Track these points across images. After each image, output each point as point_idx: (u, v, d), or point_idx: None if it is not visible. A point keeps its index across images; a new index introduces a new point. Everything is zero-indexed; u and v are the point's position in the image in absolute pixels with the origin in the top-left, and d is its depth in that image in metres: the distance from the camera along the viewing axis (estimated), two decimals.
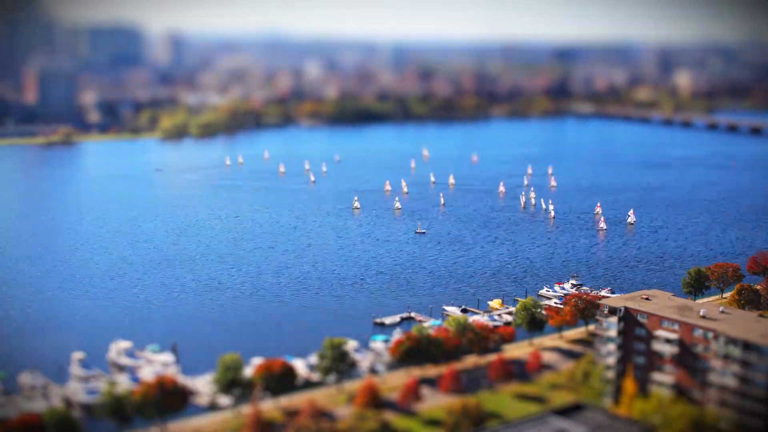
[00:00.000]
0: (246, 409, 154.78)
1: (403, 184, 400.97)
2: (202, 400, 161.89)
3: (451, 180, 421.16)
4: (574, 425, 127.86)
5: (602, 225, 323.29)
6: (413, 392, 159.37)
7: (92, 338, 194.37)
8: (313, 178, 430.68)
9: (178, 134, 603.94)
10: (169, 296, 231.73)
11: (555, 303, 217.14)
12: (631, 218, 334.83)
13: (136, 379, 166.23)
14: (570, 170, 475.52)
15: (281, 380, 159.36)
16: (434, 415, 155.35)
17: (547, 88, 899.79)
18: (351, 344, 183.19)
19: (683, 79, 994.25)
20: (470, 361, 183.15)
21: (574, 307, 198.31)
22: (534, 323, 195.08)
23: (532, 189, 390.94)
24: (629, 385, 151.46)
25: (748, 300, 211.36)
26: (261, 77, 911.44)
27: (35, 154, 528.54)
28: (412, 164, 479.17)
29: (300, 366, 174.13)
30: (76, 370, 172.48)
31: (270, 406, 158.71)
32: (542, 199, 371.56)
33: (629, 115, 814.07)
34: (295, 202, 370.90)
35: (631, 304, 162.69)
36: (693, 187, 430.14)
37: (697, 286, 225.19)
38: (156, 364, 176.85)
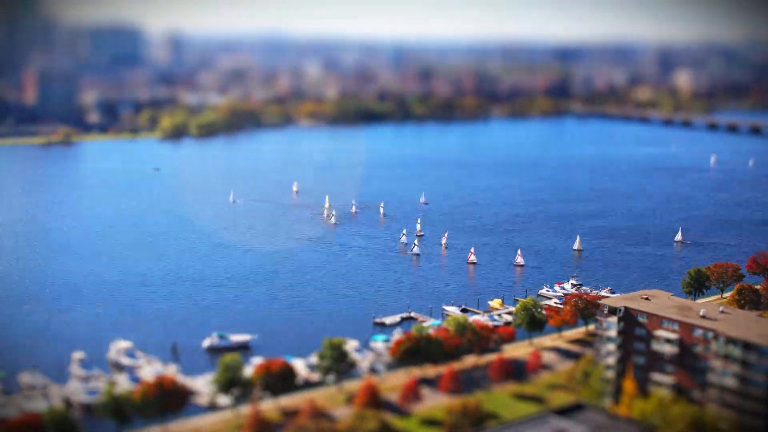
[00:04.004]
0: (246, 409, 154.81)
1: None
2: (202, 400, 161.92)
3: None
4: (574, 425, 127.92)
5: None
6: (413, 392, 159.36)
7: (92, 338, 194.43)
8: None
9: (178, 134, 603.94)
10: (169, 296, 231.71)
11: (555, 303, 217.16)
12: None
13: (136, 379, 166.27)
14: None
15: (281, 380, 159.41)
16: (434, 416, 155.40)
17: (547, 88, 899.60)
18: (351, 344, 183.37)
19: (683, 79, 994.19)
20: (470, 361, 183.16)
21: (574, 307, 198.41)
22: (534, 323, 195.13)
23: None
24: (629, 385, 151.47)
25: (748, 300, 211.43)
26: (261, 77, 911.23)
27: (35, 154, 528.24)
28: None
29: (300, 366, 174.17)
30: (76, 370, 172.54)
31: (270, 406, 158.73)
32: None
33: (629, 115, 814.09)
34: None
35: (631, 304, 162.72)
36: (689, 186, 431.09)
37: (697, 286, 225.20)
38: (156, 364, 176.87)
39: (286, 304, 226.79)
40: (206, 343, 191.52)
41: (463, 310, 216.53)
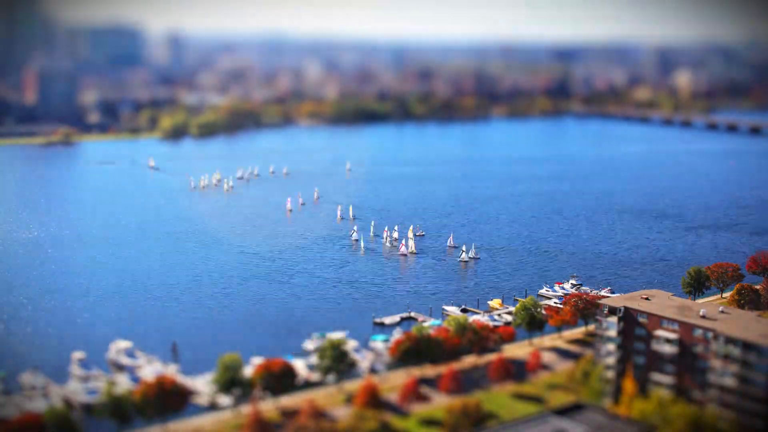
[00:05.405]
0: (246, 409, 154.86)
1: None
2: (202, 400, 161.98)
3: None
4: (573, 425, 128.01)
5: None
6: (413, 392, 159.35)
7: (92, 338, 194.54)
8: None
9: (178, 134, 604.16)
10: (169, 296, 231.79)
11: (555, 303, 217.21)
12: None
13: (136, 379, 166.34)
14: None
15: (281, 380, 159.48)
16: (434, 416, 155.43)
17: (547, 88, 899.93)
18: (351, 344, 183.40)
19: (683, 79, 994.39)
20: (470, 361, 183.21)
21: (573, 307, 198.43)
22: (534, 323, 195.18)
23: None
24: (629, 385, 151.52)
25: (748, 300, 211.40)
26: (261, 77, 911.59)
27: (35, 154, 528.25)
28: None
29: (300, 366, 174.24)
30: (76, 370, 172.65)
31: (270, 406, 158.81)
32: None
33: (629, 115, 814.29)
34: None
35: (631, 304, 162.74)
36: (689, 187, 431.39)
37: (697, 286, 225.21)
38: (156, 364, 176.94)
39: (285, 303, 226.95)
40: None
41: (463, 310, 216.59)
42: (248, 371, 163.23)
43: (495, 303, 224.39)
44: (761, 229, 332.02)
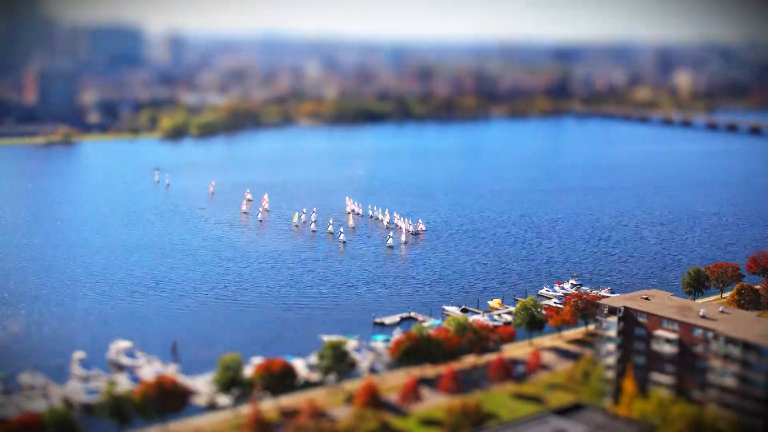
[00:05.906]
0: (246, 409, 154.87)
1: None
2: (202, 400, 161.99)
3: None
4: (573, 425, 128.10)
5: None
6: (413, 392, 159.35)
7: (92, 338, 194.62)
8: None
9: (178, 134, 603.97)
10: (169, 296, 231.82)
11: (555, 303, 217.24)
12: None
13: (136, 379, 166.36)
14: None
15: (281, 380, 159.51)
16: (434, 416, 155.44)
17: (547, 88, 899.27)
18: (351, 344, 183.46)
19: (683, 79, 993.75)
20: (470, 361, 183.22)
21: (573, 307, 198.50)
22: (534, 323, 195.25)
23: None
24: (629, 385, 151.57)
25: (748, 300, 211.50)
26: (261, 77, 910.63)
27: (35, 154, 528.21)
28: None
29: (300, 366, 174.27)
30: (76, 370, 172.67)
31: (270, 406, 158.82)
32: None
33: (629, 115, 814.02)
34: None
35: (630, 304, 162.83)
36: (690, 186, 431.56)
37: (697, 286, 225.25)
38: (156, 364, 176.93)
39: (286, 303, 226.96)
40: None
41: (463, 310, 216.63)
42: (248, 371, 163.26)
43: (495, 303, 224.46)
44: (761, 229, 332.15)
